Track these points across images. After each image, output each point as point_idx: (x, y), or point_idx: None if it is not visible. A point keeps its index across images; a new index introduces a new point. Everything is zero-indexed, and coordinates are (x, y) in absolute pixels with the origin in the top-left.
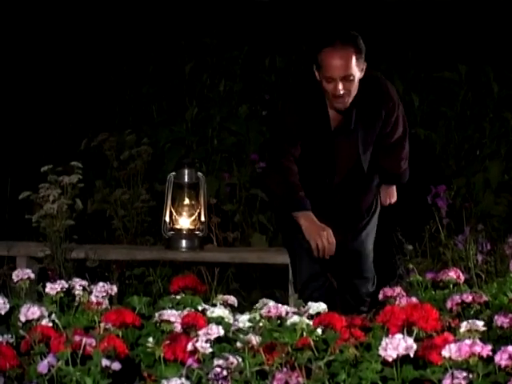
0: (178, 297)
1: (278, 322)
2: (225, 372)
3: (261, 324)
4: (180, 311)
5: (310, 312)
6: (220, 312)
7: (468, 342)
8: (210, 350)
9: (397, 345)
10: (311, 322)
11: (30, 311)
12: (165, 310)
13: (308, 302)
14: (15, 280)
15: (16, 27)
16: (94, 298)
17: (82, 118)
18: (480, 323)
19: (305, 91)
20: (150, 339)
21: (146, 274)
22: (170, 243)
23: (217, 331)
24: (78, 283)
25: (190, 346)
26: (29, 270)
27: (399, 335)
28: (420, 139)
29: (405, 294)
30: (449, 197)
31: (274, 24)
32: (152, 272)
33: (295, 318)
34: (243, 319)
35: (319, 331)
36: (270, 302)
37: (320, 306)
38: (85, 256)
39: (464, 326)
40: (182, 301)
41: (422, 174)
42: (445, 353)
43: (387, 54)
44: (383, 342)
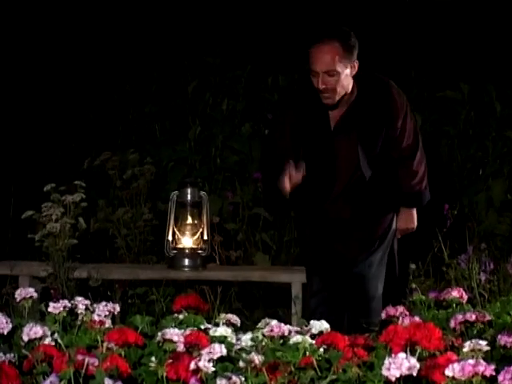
0: (181, 316)
1: (281, 341)
2: None
3: (263, 343)
4: (183, 330)
5: (313, 331)
6: (223, 331)
7: (471, 361)
8: (213, 369)
9: (400, 364)
10: (314, 341)
11: (32, 330)
12: (167, 329)
13: (311, 320)
14: (18, 299)
15: (22, 46)
16: (96, 317)
17: (84, 137)
18: (483, 343)
19: (304, 91)
20: (153, 358)
21: (149, 293)
22: (173, 262)
23: (219, 350)
24: (81, 302)
25: (192, 366)
26: (31, 289)
27: (402, 354)
28: None
29: (408, 314)
30: (452, 216)
31: (276, 43)
32: (155, 291)
33: (298, 337)
34: (246, 338)
35: (322, 350)
36: (273, 321)
37: (322, 325)
38: (87, 275)
39: (467, 346)
40: (184, 320)
41: None
42: (448, 372)
43: (390, 74)
44: (386, 362)
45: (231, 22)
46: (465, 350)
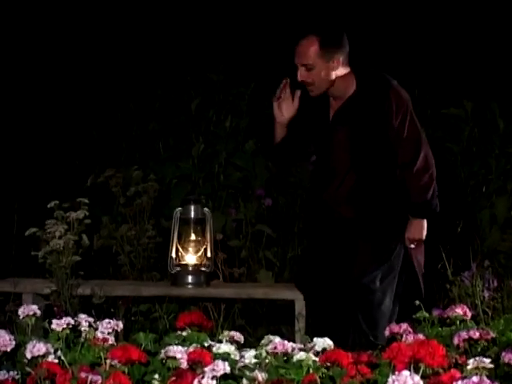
0: (184, 333)
1: (285, 358)
2: None
3: (267, 360)
4: (186, 347)
5: (316, 348)
6: (226, 348)
7: (475, 379)
8: None
9: (403, 382)
10: (317, 359)
11: (35, 348)
12: (171, 347)
13: (315, 337)
14: (21, 316)
15: (28, 63)
16: (99, 335)
17: (88, 154)
18: (487, 360)
19: None
20: (156, 376)
21: (152, 310)
22: (176, 279)
23: (223, 368)
24: (84, 319)
25: (195, 383)
26: (35, 307)
27: (406, 372)
28: None
29: (411, 331)
30: (455, 233)
31: (280, 60)
32: (158, 308)
33: (301, 355)
34: (249, 355)
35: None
36: (276, 338)
37: (326, 342)
38: (91, 292)
39: (471, 363)
40: (188, 337)
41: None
42: None
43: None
44: (390, 379)
45: (235, 39)
46: (469, 367)
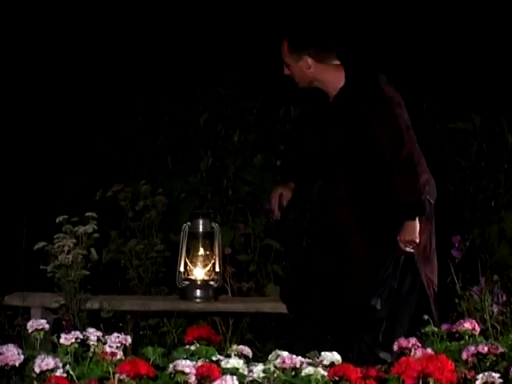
0: (193, 347)
1: (293, 372)
2: None
3: (275, 375)
4: (194, 362)
5: (325, 363)
6: (234, 363)
7: None
8: None
9: None
10: (326, 373)
11: (44, 362)
12: (179, 361)
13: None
14: (30, 330)
15: (37, 76)
16: (108, 349)
17: (97, 168)
18: (496, 375)
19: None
20: None
21: (161, 324)
22: (185, 293)
23: (231, 382)
24: (93, 334)
25: None
26: (43, 321)
27: None
28: None
29: (420, 345)
30: (464, 247)
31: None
32: (166, 322)
33: (310, 369)
34: (258, 370)
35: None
36: (285, 353)
37: (334, 357)
38: (99, 306)
39: (480, 378)
40: (196, 351)
41: (437, 224)
42: None
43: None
44: None
45: (243, 54)
46: (478, 382)
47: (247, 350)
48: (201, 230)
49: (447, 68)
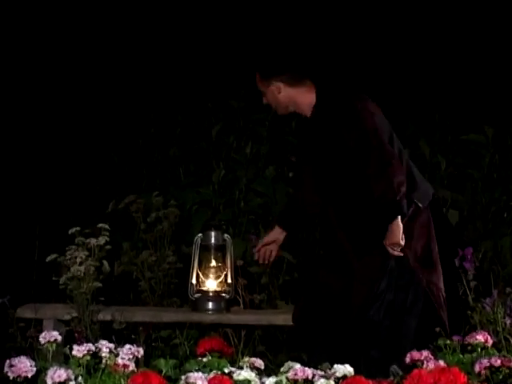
0: (205, 359)
1: None
2: None
3: None
4: (206, 374)
5: (337, 375)
6: (246, 375)
7: None
8: None
9: None
10: None
11: (56, 374)
12: (191, 373)
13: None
14: (42, 342)
15: (47, 86)
16: (120, 361)
17: (109, 180)
18: None
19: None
20: None
21: (173, 336)
22: (197, 305)
23: None
24: (105, 345)
25: None
26: (56, 333)
27: None
28: (447, 201)
29: (432, 358)
30: (476, 259)
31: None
32: (178, 334)
33: (322, 381)
34: (270, 382)
35: None
36: (297, 365)
37: (347, 369)
38: (111, 318)
39: None
40: (208, 363)
41: (449, 236)
42: None
43: (414, 118)
44: None
45: (255, 66)
46: None
47: (259, 362)
48: (213, 241)
49: (460, 80)
